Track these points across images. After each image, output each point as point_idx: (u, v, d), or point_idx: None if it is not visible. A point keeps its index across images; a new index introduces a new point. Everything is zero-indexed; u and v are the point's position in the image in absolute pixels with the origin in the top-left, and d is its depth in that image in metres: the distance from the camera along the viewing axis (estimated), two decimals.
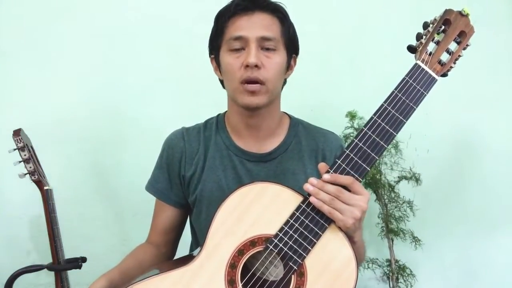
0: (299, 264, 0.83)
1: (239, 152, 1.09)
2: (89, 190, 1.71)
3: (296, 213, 0.84)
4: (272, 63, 0.99)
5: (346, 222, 0.82)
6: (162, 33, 1.73)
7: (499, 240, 1.72)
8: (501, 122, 1.73)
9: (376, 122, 0.85)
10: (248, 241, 0.85)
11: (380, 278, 1.71)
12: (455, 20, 0.87)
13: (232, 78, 1.00)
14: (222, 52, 1.03)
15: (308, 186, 0.84)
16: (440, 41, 0.88)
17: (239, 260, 0.84)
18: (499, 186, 1.73)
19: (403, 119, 0.85)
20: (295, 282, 0.83)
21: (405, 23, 1.67)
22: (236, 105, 1.04)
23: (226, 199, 0.86)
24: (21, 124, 1.34)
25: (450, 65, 0.88)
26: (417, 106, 0.86)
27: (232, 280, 0.84)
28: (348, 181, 0.83)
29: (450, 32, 0.88)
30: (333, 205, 0.82)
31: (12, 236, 1.68)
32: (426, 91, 0.86)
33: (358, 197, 0.83)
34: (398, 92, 0.86)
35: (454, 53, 0.88)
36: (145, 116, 1.72)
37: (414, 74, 0.87)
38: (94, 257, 1.40)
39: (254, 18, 1.00)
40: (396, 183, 1.62)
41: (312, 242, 0.83)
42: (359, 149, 0.85)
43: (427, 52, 0.87)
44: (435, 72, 0.87)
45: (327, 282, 0.83)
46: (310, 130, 1.14)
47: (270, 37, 0.99)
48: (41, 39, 1.70)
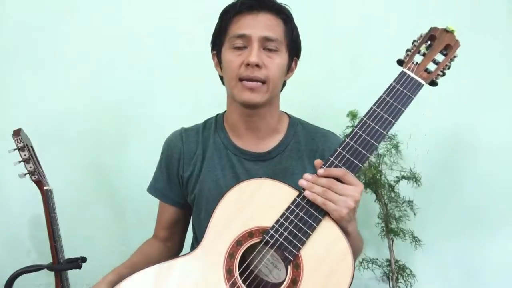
0: (294, 254, 0.85)
1: (238, 151, 1.09)
2: (89, 190, 1.71)
3: (291, 206, 0.88)
4: (273, 63, 1.00)
5: (340, 211, 0.84)
6: (162, 33, 1.73)
7: (499, 240, 1.72)
8: (501, 122, 1.73)
9: (366, 123, 0.91)
10: (246, 232, 0.88)
11: (380, 278, 1.71)
12: (440, 35, 0.95)
13: (231, 75, 1.01)
14: (224, 49, 1.04)
15: (303, 181, 0.88)
16: (427, 53, 0.95)
17: (238, 250, 0.88)
18: (500, 186, 1.72)
19: (392, 120, 0.91)
20: (291, 274, 0.85)
21: (406, 23, 1.69)
22: (235, 103, 1.05)
23: (225, 194, 0.91)
24: (21, 124, 1.34)
25: (437, 72, 0.94)
26: (405, 108, 0.91)
27: (230, 269, 0.87)
28: (340, 172, 0.86)
29: (435, 45, 0.95)
30: (326, 196, 0.85)
31: (12, 236, 1.68)
32: (413, 95, 0.92)
33: (351, 187, 0.86)
34: (386, 96, 0.92)
35: (441, 62, 0.94)
36: (145, 116, 1.72)
37: (401, 80, 0.93)
38: (94, 257, 1.40)
39: (258, 17, 1.01)
40: (396, 183, 1.62)
41: (307, 234, 0.86)
42: (350, 147, 0.89)
43: (413, 62, 0.94)
44: (421, 78, 0.93)
45: (324, 274, 0.84)
46: (310, 130, 1.14)
47: (273, 38, 1.00)
48: (41, 39, 1.70)
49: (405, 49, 0.95)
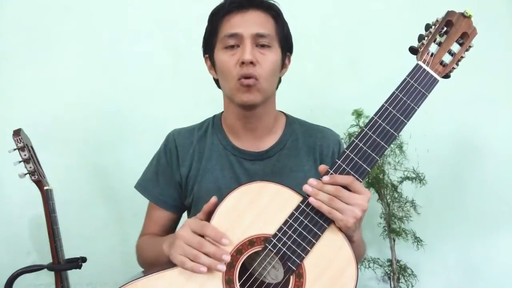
0: (297, 264, 0.82)
1: (236, 151, 1.09)
2: (89, 190, 1.70)
3: (295, 213, 0.84)
4: (266, 60, 0.99)
5: (347, 221, 0.81)
6: (162, 33, 1.73)
7: (501, 241, 1.71)
8: (502, 122, 1.73)
9: (377, 123, 0.85)
10: (246, 240, 0.84)
11: (381, 278, 1.70)
12: (457, 21, 0.87)
13: (229, 76, 1.00)
14: (217, 51, 1.03)
15: (307, 187, 0.83)
16: (442, 42, 0.87)
17: (237, 259, 0.83)
18: (501, 186, 1.72)
19: (404, 120, 0.85)
20: (294, 283, 0.83)
21: (405, 21, 1.68)
22: (232, 104, 1.05)
23: (225, 198, 0.85)
24: (21, 124, 1.34)
25: (452, 66, 0.88)
26: (418, 106, 0.85)
27: (230, 279, 0.83)
28: (347, 180, 0.82)
29: (452, 33, 0.87)
30: (332, 205, 0.81)
31: (12, 236, 1.67)
32: (428, 92, 0.86)
33: (358, 196, 0.82)
34: (399, 92, 0.85)
35: (457, 54, 0.87)
36: (145, 116, 1.71)
37: (416, 75, 0.86)
38: (94, 257, 1.40)
39: (248, 15, 1.00)
40: (399, 183, 1.61)
41: (311, 243, 0.82)
42: (359, 150, 0.84)
43: (429, 53, 0.87)
44: (436, 72, 0.86)
45: (326, 283, 0.82)
46: (307, 127, 1.14)
47: (264, 34, 0.99)
48: (41, 39, 1.70)
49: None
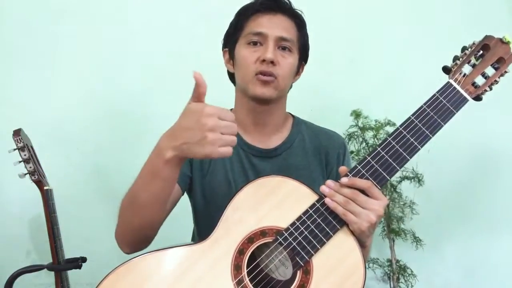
0: (305, 260, 0.83)
1: (246, 146, 1.10)
2: (89, 190, 1.70)
3: (309, 210, 0.85)
4: (286, 62, 1.04)
5: (361, 225, 0.82)
6: (162, 33, 1.73)
7: (500, 241, 1.71)
8: (503, 122, 1.73)
9: (402, 134, 0.86)
10: (259, 230, 0.86)
11: (380, 278, 1.71)
12: (494, 46, 0.88)
13: (247, 70, 1.04)
14: (239, 45, 1.07)
15: (324, 188, 0.85)
16: (477, 64, 0.87)
17: (248, 247, 0.85)
18: (501, 186, 1.72)
19: (429, 134, 0.86)
20: (300, 279, 0.84)
21: (406, 23, 1.69)
22: (245, 98, 1.08)
23: (243, 187, 0.88)
24: (21, 124, 1.34)
25: (485, 88, 0.88)
26: (445, 123, 0.86)
27: (238, 265, 0.85)
28: (366, 185, 0.83)
29: (488, 57, 0.88)
30: (348, 207, 0.83)
31: (12, 236, 1.67)
32: (456, 110, 0.86)
33: (375, 201, 0.83)
34: (427, 107, 0.86)
35: (491, 77, 0.88)
36: (145, 116, 1.71)
37: (445, 92, 0.87)
38: (94, 257, 1.40)
39: (275, 18, 1.05)
40: (398, 183, 1.61)
41: (322, 241, 0.84)
42: (380, 158, 0.85)
43: (461, 73, 0.88)
44: (467, 92, 0.87)
45: (332, 284, 0.83)
46: (313, 129, 1.17)
47: (287, 38, 1.04)
48: (41, 39, 1.70)
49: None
